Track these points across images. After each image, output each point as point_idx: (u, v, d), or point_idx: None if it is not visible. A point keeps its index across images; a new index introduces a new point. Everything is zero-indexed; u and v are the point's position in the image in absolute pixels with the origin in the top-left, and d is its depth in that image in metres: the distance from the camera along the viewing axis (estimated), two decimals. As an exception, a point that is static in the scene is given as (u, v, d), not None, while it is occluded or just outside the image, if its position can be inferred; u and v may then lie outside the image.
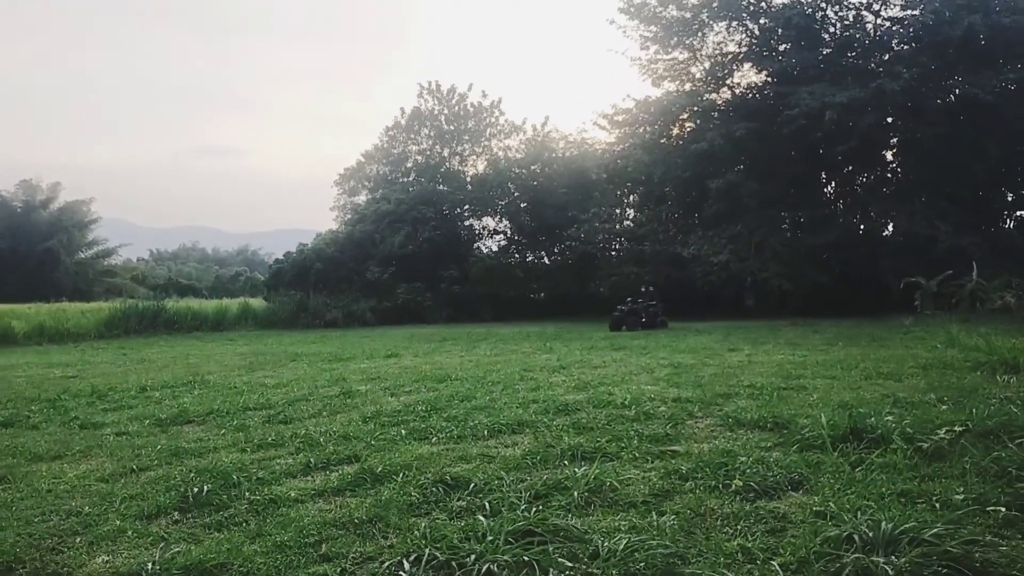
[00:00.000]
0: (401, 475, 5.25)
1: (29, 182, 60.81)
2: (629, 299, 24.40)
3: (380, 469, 5.36)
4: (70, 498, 4.96)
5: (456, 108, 39.07)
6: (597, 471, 5.18)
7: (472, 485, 4.95)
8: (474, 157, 39.73)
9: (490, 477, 5.16)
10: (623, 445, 6.16)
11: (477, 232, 39.24)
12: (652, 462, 5.69)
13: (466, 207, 38.26)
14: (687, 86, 32.99)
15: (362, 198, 40.46)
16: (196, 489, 4.88)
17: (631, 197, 36.23)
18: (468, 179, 38.90)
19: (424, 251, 34.60)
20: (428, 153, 39.29)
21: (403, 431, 6.89)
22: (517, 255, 38.56)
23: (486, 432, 6.79)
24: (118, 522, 4.41)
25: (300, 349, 18.61)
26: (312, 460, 5.81)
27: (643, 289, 25.16)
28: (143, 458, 6.08)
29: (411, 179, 38.97)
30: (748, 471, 5.13)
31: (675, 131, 33.09)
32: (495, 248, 39.05)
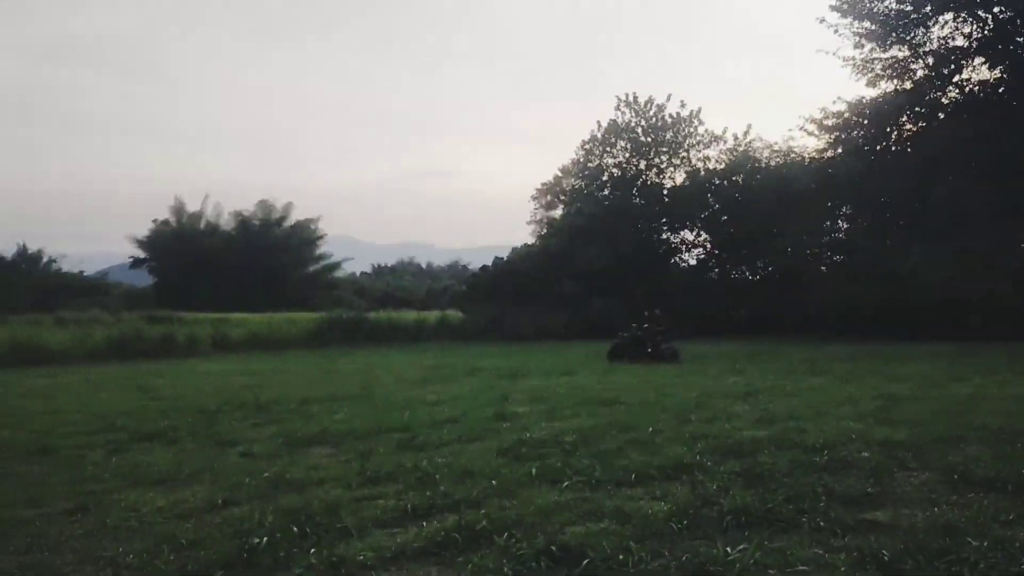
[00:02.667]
0: (505, 535, 4.27)
1: (266, 202, 65.81)
2: (634, 324, 19.79)
3: (482, 524, 4.41)
4: (127, 540, 4.44)
5: (654, 119, 37.68)
6: (759, 551, 3.92)
7: (587, 561, 3.86)
8: (672, 169, 38.06)
9: (616, 548, 4.05)
10: (805, 507, 4.81)
11: (674, 246, 37.53)
12: (842, 537, 4.32)
13: (663, 220, 36.70)
14: (907, 85, 29.61)
15: (558, 212, 40.05)
16: (258, 540, 4.17)
17: (842, 208, 33.07)
18: (665, 191, 37.33)
19: (618, 265, 33.51)
20: (624, 166, 38.16)
21: (536, 468, 5.91)
22: (716, 270, 36.41)
23: (633, 477, 5.65)
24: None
25: (482, 363, 18.18)
26: (415, 504, 4.97)
27: (647, 313, 20.36)
28: (242, 489, 5.54)
29: (607, 192, 38.02)
30: (981, 562, 3.68)
31: (892, 135, 29.82)
32: (693, 262, 37.12)
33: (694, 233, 37.10)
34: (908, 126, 29.58)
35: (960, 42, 28.41)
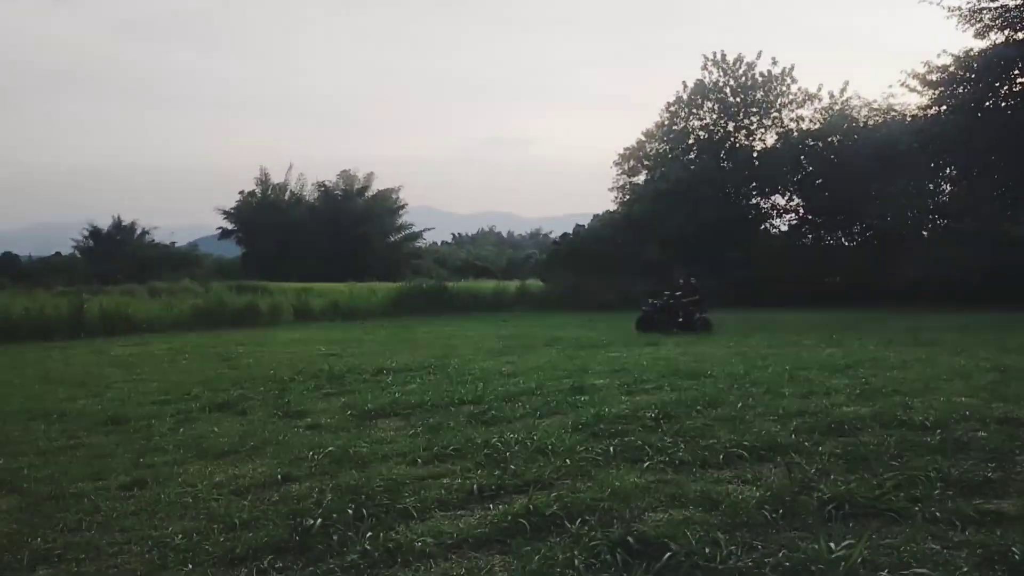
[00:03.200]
0: (577, 522, 3.85)
1: (348, 172, 66.50)
2: (666, 292, 18.77)
3: (553, 509, 4.00)
4: (178, 518, 4.22)
5: (743, 79, 36.10)
6: (866, 547, 3.41)
7: (668, 555, 3.41)
8: (762, 130, 36.49)
9: (701, 539, 3.59)
10: (918, 494, 4.25)
11: (764, 211, 36.11)
12: (962, 531, 3.77)
13: (752, 184, 35.29)
14: (1019, 36, 27.42)
15: (641, 178, 38.96)
16: (312, 522, 3.86)
17: (947, 168, 31.08)
18: (755, 154, 35.85)
19: (705, 231, 32.42)
20: (711, 128, 36.81)
21: (615, 447, 5.46)
22: (809, 236, 34.90)
23: (721, 458, 5.15)
24: (189, 567, 3.51)
25: (562, 333, 17.74)
26: (482, 483, 4.61)
27: (682, 280, 19.22)
28: (303, 464, 5.28)
29: (692, 156, 36.78)
30: None
31: (1003, 90, 27.75)
32: (784, 228, 35.67)
33: (785, 198, 35.63)
34: (1021, 80, 27.49)
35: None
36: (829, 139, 33.47)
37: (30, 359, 13.73)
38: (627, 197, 37.92)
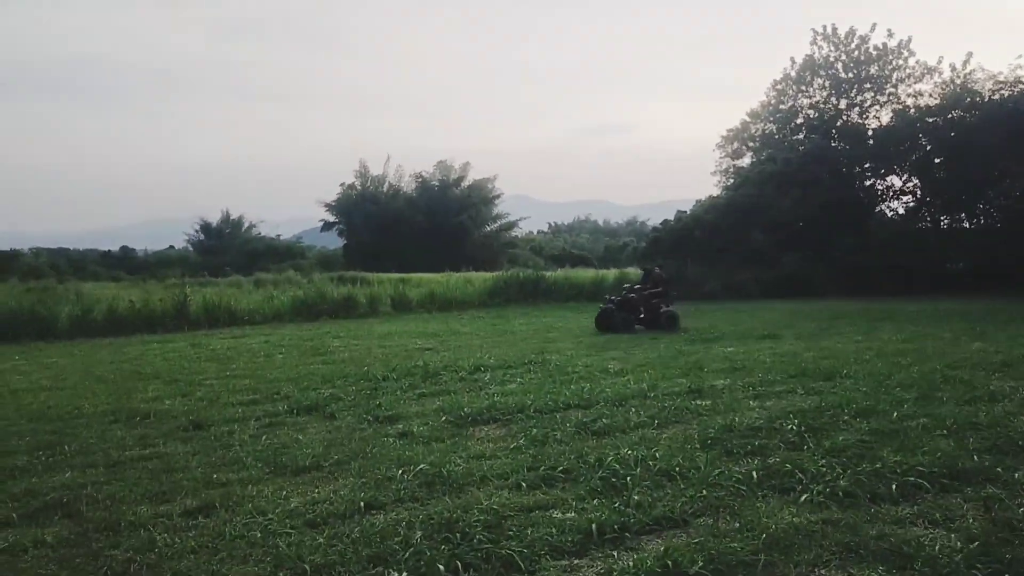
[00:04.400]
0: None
1: (445, 163, 66.70)
2: (625, 285, 17.34)
3: (698, 567, 3.15)
4: (242, 560, 3.57)
5: (856, 53, 33.85)
6: None
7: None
8: (876, 107, 34.16)
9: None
10: None
11: (879, 193, 33.85)
12: None
13: (866, 165, 33.11)
14: None
15: (746, 160, 37.14)
16: (398, 574, 3.14)
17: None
18: (869, 133, 33.61)
19: (815, 215, 30.58)
20: (821, 106, 34.71)
21: (756, 470, 4.56)
22: (929, 219, 32.51)
23: (894, 488, 4.18)
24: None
25: (667, 325, 16.72)
26: (601, 520, 3.79)
27: (648, 269, 17.57)
28: (390, 487, 4.57)
29: (801, 136, 34.79)
30: None
31: None
32: (901, 211, 33.35)
33: (902, 179, 33.30)
34: None
35: None
36: (950, 115, 31.00)
37: (131, 353, 13.69)
38: (731, 181, 36.27)
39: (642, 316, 15.72)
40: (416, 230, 60.42)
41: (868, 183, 33.77)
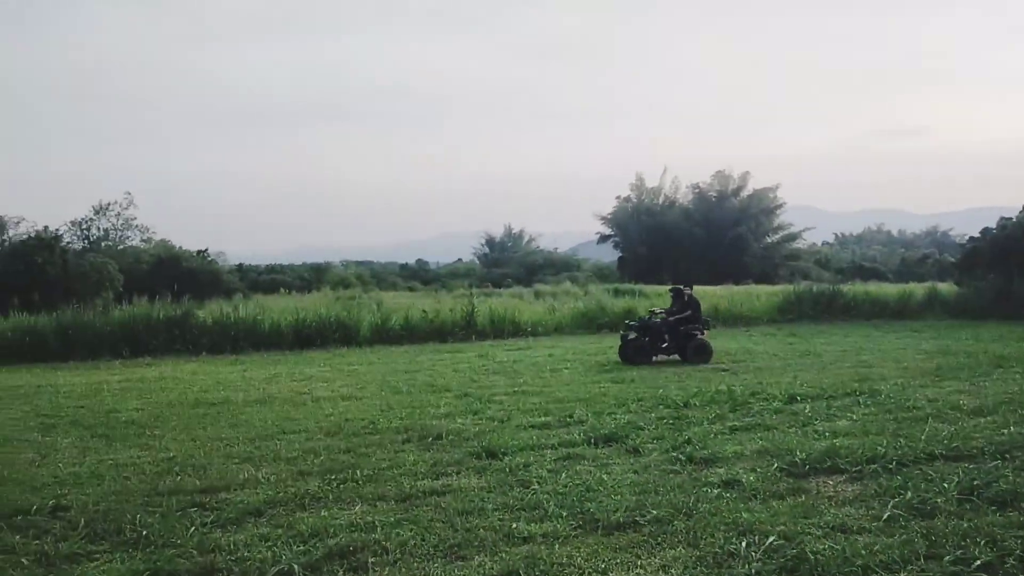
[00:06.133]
0: None
1: (722, 173, 64.41)
2: (652, 310, 15.03)
3: None
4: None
5: None
6: None
7: None
8: None
9: None
10: None
11: None
12: None
13: None
14: None
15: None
16: None
17: None
18: None
19: None
20: None
21: None
22: None
23: None
24: None
25: (1005, 350, 14.07)
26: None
27: (672, 293, 14.69)
28: (734, 567, 3.55)
29: None
30: None
31: None
32: None
33: None
34: None
35: None
36: None
37: (423, 363, 13.94)
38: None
39: (665, 345, 13.68)
40: (692, 242, 58.85)
41: None
